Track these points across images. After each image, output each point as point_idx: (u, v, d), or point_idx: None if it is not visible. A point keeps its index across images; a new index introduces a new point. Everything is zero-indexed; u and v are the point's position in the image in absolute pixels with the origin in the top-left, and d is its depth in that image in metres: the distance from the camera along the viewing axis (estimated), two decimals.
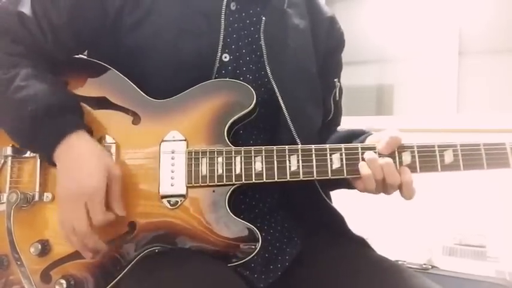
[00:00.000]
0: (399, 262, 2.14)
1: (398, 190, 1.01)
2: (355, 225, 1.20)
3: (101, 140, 1.04)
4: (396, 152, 1.00)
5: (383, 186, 1.00)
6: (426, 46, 3.03)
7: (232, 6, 1.12)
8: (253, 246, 0.99)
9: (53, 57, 1.08)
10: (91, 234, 0.96)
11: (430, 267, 2.28)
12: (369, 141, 1.06)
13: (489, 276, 2.17)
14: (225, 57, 1.09)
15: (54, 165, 1.00)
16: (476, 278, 2.10)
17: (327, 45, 1.24)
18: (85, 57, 1.16)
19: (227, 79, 1.08)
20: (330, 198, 1.21)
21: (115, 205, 0.98)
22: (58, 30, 1.05)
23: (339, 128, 1.32)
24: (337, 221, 1.19)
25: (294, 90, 1.13)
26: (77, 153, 0.97)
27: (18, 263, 0.99)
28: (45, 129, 0.98)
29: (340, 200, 1.24)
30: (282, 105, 1.10)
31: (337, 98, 1.29)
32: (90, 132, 1.03)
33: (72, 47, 1.11)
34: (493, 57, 2.95)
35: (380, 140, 1.02)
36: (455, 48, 2.95)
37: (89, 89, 1.07)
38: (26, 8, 1.03)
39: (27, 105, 0.97)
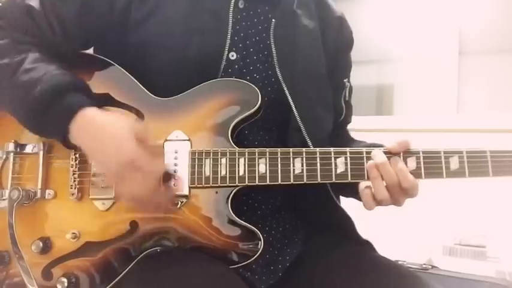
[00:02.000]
0: (399, 262, 2.14)
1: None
2: (355, 225, 1.20)
3: None
4: (401, 157, 0.99)
5: (396, 192, 0.99)
6: (426, 46, 3.02)
7: (241, 4, 1.11)
8: (255, 249, 0.99)
9: (60, 51, 1.07)
10: (156, 190, 0.93)
11: (430, 267, 2.27)
12: None
13: (489, 276, 2.17)
14: (232, 56, 1.09)
15: (71, 147, 0.99)
16: (476, 278, 2.10)
17: (336, 45, 1.24)
18: (89, 52, 1.15)
19: (232, 78, 1.07)
20: (339, 201, 1.21)
21: (158, 158, 0.96)
22: (66, 24, 1.05)
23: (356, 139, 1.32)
24: (346, 223, 1.18)
25: (304, 92, 1.12)
26: (97, 124, 0.95)
27: (20, 260, 0.99)
28: (55, 108, 0.96)
29: (340, 200, 1.24)
30: (293, 106, 1.10)
31: (347, 98, 1.29)
32: None
33: (80, 42, 1.11)
34: (493, 57, 2.94)
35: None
36: (455, 48, 2.95)
37: (92, 85, 1.06)
38: (34, 1, 1.03)
39: (36, 86, 0.96)
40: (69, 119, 0.95)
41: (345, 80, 1.27)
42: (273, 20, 1.12)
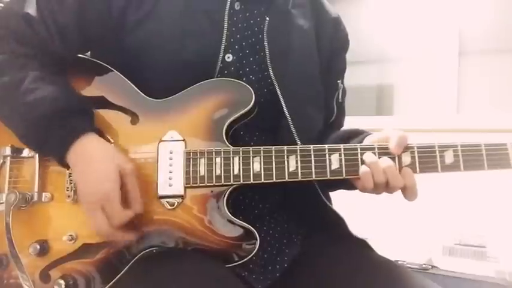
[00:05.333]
0: (399, 262, 2.14)
1: (401, 191, 1.00)
2: (355, 225, 1.20)
3: None
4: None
5: (385, 188, 0.99)
6: (426, 46, 3.02)
7: (237, 6, 1.11)
8: (252, 247, 0.99)
9: (59, 57, 1.07)
10: (116, 234, 0.96)
11: (430, 267, 2.28)
12: (368, 142, 1.05)
13: (489, 276, 2.17)
14: (228, 58, 1.09)
15: (67, 167, 1.01)
16: (476, 278, 2.10)
17: (331, 46, 1.24)
18: (83, 56, 1.15)
19: (226, 78, 1.07)
20: (330, 200, 1.21)
21: (133, 202, 0.98)
22: (64, 30, 1.05)
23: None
24: (337, 223, 1.18)
25: (295, 92, 1.12)
26: (89, 156, 0.97)
27: (18, 263, 0.99)
28: (56, 132, 0.98)
29: (340, 200, 1.23)
30: (284, 106, 1.10)
31: (340, 100, 1.28)
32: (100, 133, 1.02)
33: (79, 47, 1.11)
34: (493, 57, 2.94)
35: (388, 139, 1.01)
36: (455, 48, 2.95)
37: (86, 88, 1.07)
38: (31, 9, 1.03)
39: (38, 109, 0.97)
40: (69, 144, 0.98)
41: (338, 81, 1.26)
42: (267, 19, 1.12)
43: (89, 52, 1.17)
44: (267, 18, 1.12)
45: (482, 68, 2.90)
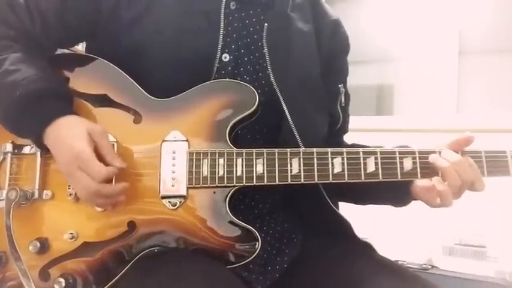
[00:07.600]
0: (399, 262, 2.14)
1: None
2: (355, 225, 1.19)
3: None
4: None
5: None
6: (426, 46, 3.02)
7: (232, 6, 1.11)
8: (253, 249, 0.98)
9: (42, 44, 1.08)
10: (103, 188, 0.95)
11: (430, 267, 2.28)
12: None
13: (489, 276, 2.18)
14: (225, 58, 1.08)
15: (46, 149, 1.01)
16: (476, 278, 2.11)
17: (330, 49, 1.22)
18: (87, 54, 1.15)
19: (230, 80, 1.07)
20: (336, 204, 1.20)
21: (110, 158, 0.97)
22: (47, 18, 1.06)
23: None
24: (342, 227, 1.17)
25: (297, 95, 1.11)
26: (64, 134, 0.98)
27: (17, 261, 0.99)
28: (33, 114, 0.98)
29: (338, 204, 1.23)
30: (286, 110, 1.09)
31: (344, 104, 1.26)
32: None
33: (61, 38, 1.12)
34: (493, 57, 2.94)
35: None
36: (455, 48, 2.95)
37: (89, 86, 1.07)
38: None
39: (16, 90, 0.97)
40: (44, 126, 0.98)
41: (339, 86, 1.24)
42: (266, 24, 1.11)
43: (84, 48, 1.18)
44: (266, 24, 1.11)
45: (482, 68, 2.91)
